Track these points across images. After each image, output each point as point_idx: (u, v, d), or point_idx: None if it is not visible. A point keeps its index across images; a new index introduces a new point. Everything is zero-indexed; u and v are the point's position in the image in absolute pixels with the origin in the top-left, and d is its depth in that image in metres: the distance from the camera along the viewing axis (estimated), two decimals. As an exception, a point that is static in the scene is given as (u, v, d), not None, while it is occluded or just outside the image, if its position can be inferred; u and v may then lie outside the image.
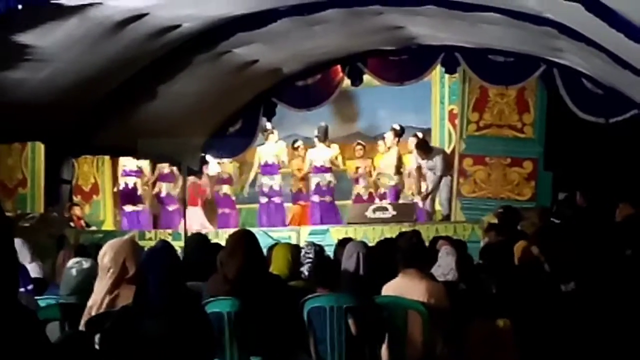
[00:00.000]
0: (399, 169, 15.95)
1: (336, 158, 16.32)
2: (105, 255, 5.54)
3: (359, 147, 16.60)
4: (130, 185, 16.71)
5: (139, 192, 16.76)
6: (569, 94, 11.39)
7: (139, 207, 16.79)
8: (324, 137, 16.19)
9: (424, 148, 14.96)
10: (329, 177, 16.12)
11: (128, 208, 16.79)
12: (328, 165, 16.12)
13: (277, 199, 16.32)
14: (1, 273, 3.37)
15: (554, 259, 7.32)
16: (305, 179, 16.55)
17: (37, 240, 12.00)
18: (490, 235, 9.73)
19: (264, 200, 16.31)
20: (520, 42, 10.53)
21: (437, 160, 14.89)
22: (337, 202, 16.36)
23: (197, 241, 7.91)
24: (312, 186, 16.18)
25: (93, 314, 5.39)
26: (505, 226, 10.40)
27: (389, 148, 16.13)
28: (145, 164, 16.16)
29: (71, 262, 6.38)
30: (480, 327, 6.57)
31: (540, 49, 10.73)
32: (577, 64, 10.70)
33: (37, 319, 3.62)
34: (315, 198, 16.12)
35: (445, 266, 8.57)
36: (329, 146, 16.31)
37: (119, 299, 5.38)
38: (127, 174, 16.72)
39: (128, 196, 16.81)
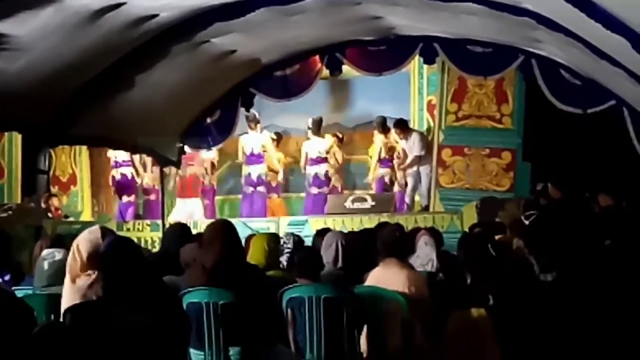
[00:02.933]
0: (388, 159, 16.01)
1: (331, 148, 16.37)
2: (77, 248, 5.51)
3: (334, 138, 16.65)
4: (126, 176, 16.72)
5: (131, 181, 16.80)
6: (547, 85, 11.39)
7: (131, 198, 16.80)
8: (317, 129, 16.25)
9: (402, 127, 15.07)
10: (325, 167, 16.15)
11: (124, 199, 16.81)
12: (324, 156, 16.15)
13: (261, 189, 16.34)
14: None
15: (535, 249, 7.33)
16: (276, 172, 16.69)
17: (14, 231, 11.98)
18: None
19: (248, 190, 16.30)
20: (498, 32, 10.53)
21: (415, 139, 14.99)
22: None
23: (177, 232, 7.78)
24: (310, 178, 16.21)
25: (65, 304, 5.37)
26: (484, 217, 10.44)
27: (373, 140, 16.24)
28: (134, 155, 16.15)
29: (43, 254, 6.35)
30: (457, 318, 6.58)
31: (519, 40, 10.74)
32: (556, 54, 10.71)
33: (28, 306, 3.60)
34: (313, 190, 16.14)
35: (424, 257, 8.60)
36: (323, 137, 16.35)
37: (96, 289, 5.34)
38: (119, 164, 16.73)
39: (123, 187, 16.82)
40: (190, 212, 15.83)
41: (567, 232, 7.38)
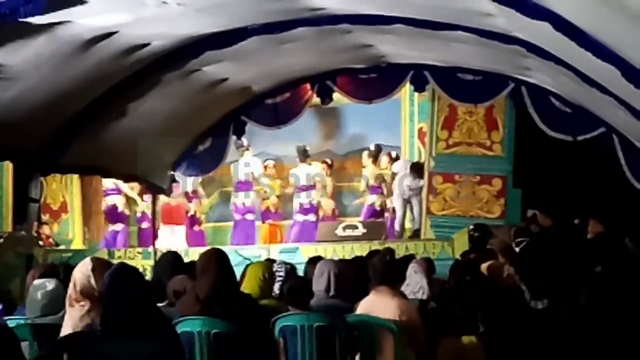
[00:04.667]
0: (377, 186, 16.04)
1: (318, 175, 16.40)
2: (74, 280, 5.54)
3: (324, 165, 16.69)
4: (114, 205, 16.73)
5: (120, 210, 16.79)
6: (537, 112, 11.44)
7: (120, 226, 16.79)
8: (304, 156, 16.29)
9: (418, 171, 15.12)
10: (313, 194, 16.17)
11: (115, 227, 16.81)
12: (311, 183, 16.17)
13: (249, 216, 16.36)
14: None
15: (526, 276, 7.35)
16: (278, 196, 16.66)
17: (5, 259, 11.95)
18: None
19: (237, 217, 16.33)
20: (489, 60, 10.58)
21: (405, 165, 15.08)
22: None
23: (169, 261, 7.78)
24: (296, 205, 16.22)
25: (62, 334, 5.37)
26: (476, 244, 10.46)
27: (364, 167, 16.26)
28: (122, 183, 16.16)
29: (35, 283, 6.34)
30: (448, 345, 6.60)
31: (509, 68, 10.78)
32: (546, 82, 10.76)
33: (12, 333, 3.61)
34: (299, 217, 16.15)
35: (414, 284, 8.63)
36: (310, 164, 16.38)
37: (86, 320, 5.36)
38: (107, 193, 16.76)
39: (111, 215, 16.83)
40: (172, 240, 15.81)
41: (557, 259, 7.42)
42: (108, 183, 16.54)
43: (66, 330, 5.37)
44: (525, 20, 6.80)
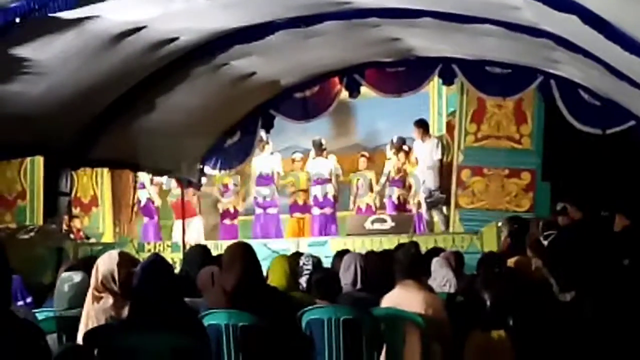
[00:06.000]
0: (398, 179, 15.98)
1: (335, 169, 16.36)
2: (96, 269, 5.58)
3: (363, 158, 16.63)
4: (143, 199, 16.87)
5: (156, 203, 16.92)
6: (566, 105, 11.41)
7: (151, 220, 16.91)
8: (320, 149, 16.26)
9: (424, 128, 15.06)
10: (328, 188, 16.16)
11: (145, 220, 16.96)
12: (327, 176, 16.16)
13: (271, 210, 16.38)
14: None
15: (554, 269, 7.32)
16: (305, 190, 16.60)
17: (36, 253, 12.03)
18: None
19: (259, 211, 16.37)
20: (517, 53, 10.56)
21: (436, 143, 14.98)
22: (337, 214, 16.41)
23: (198, 254, 7.80)
24: (312, 198, 16.22)
25: (83, 326, 5.41)
26: (516, 237, 10.40)
27: (388, 159, 16.21)
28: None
29: (62, 276, 6.38)
30: (476, 339, 6.57)
31: (537, 61, 10.75)
32: (574, 75, 10.72)
33: (37, 329, 3.64)
34: (315, 210, 16.16)
35: (440, 278, 8.61)
36: (326, 158, 16.36)
37: (111, 312, 5.41)
38: (139, 187, 16.92)
39: (143, 209, 16.97)
40: (191, 232, 15.83)
41: (586, 252, 7.38)
42: (141, 177, 16.64)
43: (86, 321, 5.42)
44: (553, 13, 6.78)
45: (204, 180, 14.29)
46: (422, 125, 15.29)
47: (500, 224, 12.14)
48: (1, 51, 7.55)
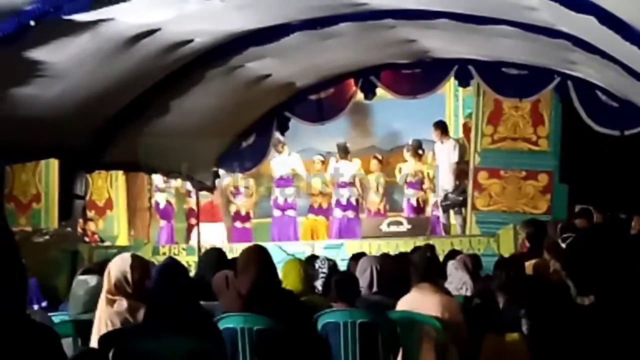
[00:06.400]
0: (416, 182, 15.94)
1: (359, 173, 16.35)
2: (109, 272, 5.57)
3: (375, 160, 16.61)
4: (159, 202, 16.89)
5: (171, 206, 16.97)
6: (583, 107, 11.34)
7: (166, 223, 16.94)
8: (344, 153, 16.25)
9: (442, 129, 15.03)
10: (352, 191, 16.14)
11: (160, 224, 17.00)
12: (350, 180, 16.13)
13: (290, 212, 16.35)
14: (11, 289, 3.36)
15: (572, 272, 7.26)
16: (325, 193, 16.59)
17: (50, 256, 12.05)
18: None
19: (277, 213, 16.34)
20: (533, 54, 10.50)
21: (453, 145, 14.94)
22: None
23: (213, 257, 7.78)
24: (335, 201, 16.20)
25: (96, 329, 5.40)
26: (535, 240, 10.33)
27: (406, 161, 16.20)
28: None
29: (77, 280, 6.38)
30: (492, 342, 6.53)
31: (554, 62, 10.69)
32: (592, 76, 10.66)
33: (54, 333, 3.62)
34: (337, 212, 16.13)
35: (457, 281, 8.57)
36: (350, 161, 16.35)
37: (125, 315, 5.39)
38: (156, 190, 16.95)
39: (158, 212, 17.00)
40: (210, 237, 15.83)
41: (605, 254, 7.31)
42: (158, 180, 16.66)
43: (99, 325, 5.40)
44: (570, 14, 6.73)
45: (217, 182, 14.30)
46: (441, 127, 15.27)
47: (517, 226, 12.09)
48: (16, 54, 7.54)
